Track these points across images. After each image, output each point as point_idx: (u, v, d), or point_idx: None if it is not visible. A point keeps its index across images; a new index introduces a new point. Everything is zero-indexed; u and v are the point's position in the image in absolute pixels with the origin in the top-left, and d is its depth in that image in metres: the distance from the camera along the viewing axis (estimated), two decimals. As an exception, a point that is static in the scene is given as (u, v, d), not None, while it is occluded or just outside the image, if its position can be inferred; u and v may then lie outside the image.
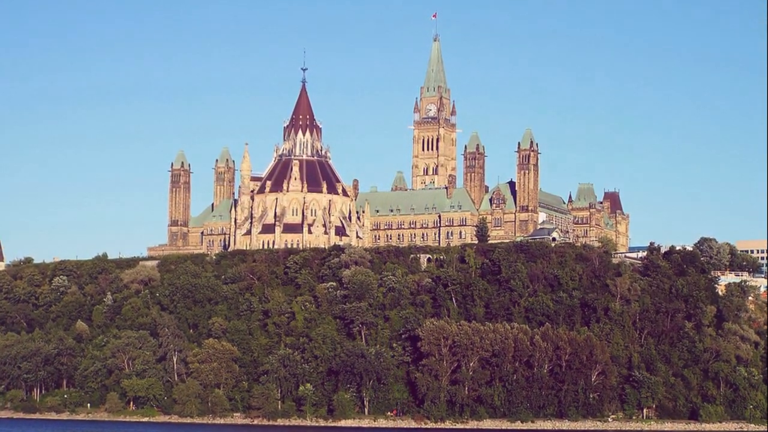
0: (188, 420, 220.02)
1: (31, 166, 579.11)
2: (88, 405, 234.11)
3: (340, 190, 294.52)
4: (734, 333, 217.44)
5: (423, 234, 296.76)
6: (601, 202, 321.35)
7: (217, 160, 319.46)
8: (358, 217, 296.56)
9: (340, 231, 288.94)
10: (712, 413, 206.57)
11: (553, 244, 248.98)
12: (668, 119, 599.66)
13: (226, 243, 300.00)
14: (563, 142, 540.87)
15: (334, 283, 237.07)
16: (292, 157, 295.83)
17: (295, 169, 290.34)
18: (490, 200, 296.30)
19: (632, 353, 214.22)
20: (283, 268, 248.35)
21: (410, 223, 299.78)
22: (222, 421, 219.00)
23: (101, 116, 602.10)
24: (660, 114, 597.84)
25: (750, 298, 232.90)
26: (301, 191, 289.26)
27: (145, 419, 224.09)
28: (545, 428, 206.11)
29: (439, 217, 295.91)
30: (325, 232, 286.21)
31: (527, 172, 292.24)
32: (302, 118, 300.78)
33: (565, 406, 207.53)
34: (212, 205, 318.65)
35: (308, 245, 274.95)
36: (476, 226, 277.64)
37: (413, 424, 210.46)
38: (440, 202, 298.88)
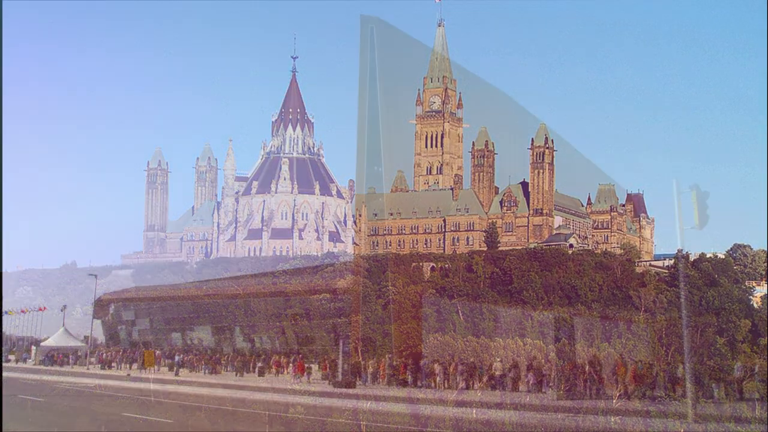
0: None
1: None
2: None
3: (334, 192, 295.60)
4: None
5: (426, 240, 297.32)
6: (624, 205, 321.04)
7: (198, 159, 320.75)
8: (354, 222, 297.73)
9: (335, 237, 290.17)
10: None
11: (570, 251, 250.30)
12: (697, 112, 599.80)
13: (208, 250, 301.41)
14: (581, 139, 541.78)
15: (328, 295, 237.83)
16: (281, 154, 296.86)
17: (285, 168, 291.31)
18: (501, 202, 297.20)
19: (658, 372, 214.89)
20: (272, 278, 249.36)
21: (412, 228, 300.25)
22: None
23: (68, 109, 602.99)
24: (688, 107, 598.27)
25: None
26: (291, 193, 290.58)
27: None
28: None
29: (444, 221, 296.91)
30: (318, 238, 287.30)
31: (541, 171, 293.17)
32: (292, 111, 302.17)
33: (584, 431, 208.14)
34: (192, 208, 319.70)
35: (299, 252, 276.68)
36: (485, 231, 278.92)
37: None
38: (445, 205, 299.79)
